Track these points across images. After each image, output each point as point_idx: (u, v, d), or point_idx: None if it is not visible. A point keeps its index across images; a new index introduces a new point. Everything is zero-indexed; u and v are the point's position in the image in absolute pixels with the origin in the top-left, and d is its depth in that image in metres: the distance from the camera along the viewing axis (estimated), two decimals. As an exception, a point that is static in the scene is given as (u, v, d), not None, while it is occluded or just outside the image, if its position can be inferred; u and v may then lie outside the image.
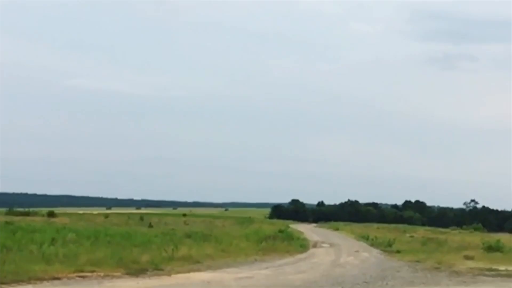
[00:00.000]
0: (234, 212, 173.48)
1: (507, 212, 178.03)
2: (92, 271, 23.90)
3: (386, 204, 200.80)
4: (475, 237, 68.31)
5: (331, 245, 51.90)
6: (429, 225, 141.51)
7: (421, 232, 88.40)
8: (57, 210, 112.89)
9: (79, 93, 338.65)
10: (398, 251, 44.39)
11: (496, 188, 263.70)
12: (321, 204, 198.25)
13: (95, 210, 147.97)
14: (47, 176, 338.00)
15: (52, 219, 77.64)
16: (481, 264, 33.70)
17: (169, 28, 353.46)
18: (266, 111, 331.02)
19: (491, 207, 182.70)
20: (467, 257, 37.39)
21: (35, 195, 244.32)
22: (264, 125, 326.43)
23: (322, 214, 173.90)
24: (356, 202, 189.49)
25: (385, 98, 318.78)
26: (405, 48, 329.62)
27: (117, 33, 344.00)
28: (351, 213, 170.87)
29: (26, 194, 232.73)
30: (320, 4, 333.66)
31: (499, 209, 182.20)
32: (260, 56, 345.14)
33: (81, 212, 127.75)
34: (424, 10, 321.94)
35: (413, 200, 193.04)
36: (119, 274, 24.21)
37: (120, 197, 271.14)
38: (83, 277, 22.90)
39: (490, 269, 31.50)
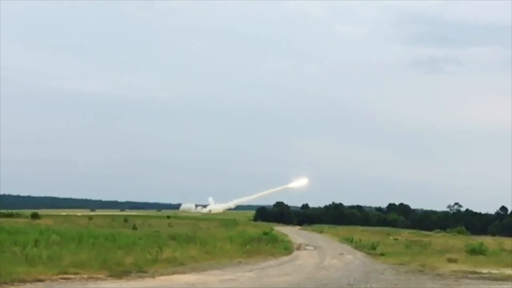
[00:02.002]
0: (219, 214, 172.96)
1: (491, 215, 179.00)
2: (76, 273, 23.82)
3: (370, 207, 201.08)
4: (459, 240, 68.65)
5: (315, 247, 51.97)
6: (413, 228, 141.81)
7: (405, 235, 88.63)
8: (41, 211, 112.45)
9: (63, 94, 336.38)
10: (382, 254, 44.52)
11: (479, 191, 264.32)
12: (305, 206, 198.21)
13: (79, 212, 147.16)
14: (31, 177, 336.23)
15: (36, 221, 77.41)
16: (464, 267, 33.88)
17: (155, 30, 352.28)
18: (251, 114, 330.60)
19: (474, 210, 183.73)
20: (451, 260, 37.57)
21: (18, 197, 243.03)
22: (249, 127, 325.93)
23: (306, 216, 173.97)
24: (341, 204, 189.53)
25: (370, 101, 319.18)
26: (390, 51, 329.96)
27: (101, 34, 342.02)
28: (335, 216, 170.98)
29: (9, 196, 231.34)
30: (306, 6, 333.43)
31: (483, 212, 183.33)
32: (247, 59, 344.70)
33: (64, 213, 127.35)
34: (409, 13, 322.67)
35: (397, 203, 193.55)
36: (102, 276, 24.15)
37: (104, 199, 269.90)
38: (66, 279, 22.83)
39: (473, 272, 31.68)
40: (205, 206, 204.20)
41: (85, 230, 52.29)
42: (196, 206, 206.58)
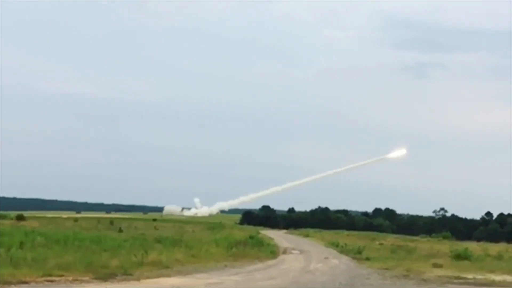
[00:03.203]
0: (205, 218, 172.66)
1: (476, 220, 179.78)
2: (61, 275, 23.75)
3: (356, 212, 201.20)
4: (444, 245, 68.86)
5: (301, 251, 51.99)
6: (399, 232, 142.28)
7: (391, 239, 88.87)
8: (26, 213, 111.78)
9: (51, 96, 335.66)
10: (367, 259, 44.59)
11: (465, 196, 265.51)
12: (291, 210, 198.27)
13: (65, 214, 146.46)
14: (16, 179, 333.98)
15: (21, 223, 76.98)
16: (449, 272, 34.00)
17: (145, 32, 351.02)
18: (238, 117, 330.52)
19: (460, 215, 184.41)
20: (436, 265, 37.70)
21: (3, 198, 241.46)
22: (236, 131, 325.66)
23: (292, 220, 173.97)
24: (327, 209, 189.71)
25: (357, 106, 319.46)
26: (378, 56, 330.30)
27: (90, 36, 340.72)
28: (321, 220, 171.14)
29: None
30: (294, 10, 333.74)
31: (468, 217, 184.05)
32: (235, 62, 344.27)
33: (50, 215, 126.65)
34: (397, 19, 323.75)
35: (383, 208, 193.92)
36: (87, 278, 24.09)
37: (90, 201, 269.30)
38: (51, 281, 22.76)
39: (458, 277, 31.80)
40: (189, 209, 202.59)
41: (70, 232, 52.06)
42: (183, 209, 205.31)
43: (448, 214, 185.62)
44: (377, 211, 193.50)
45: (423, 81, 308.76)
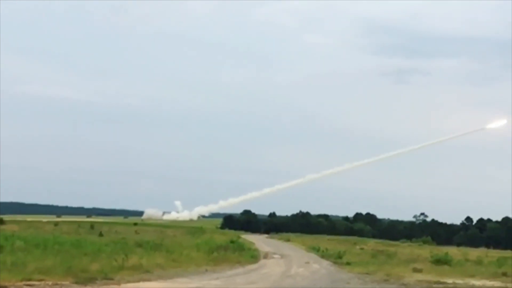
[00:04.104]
0: (186, 222, 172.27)
1: (456, 225, 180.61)
2: (41, 280, 23.63)
3: (337, 216, 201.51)
4: (424, 250, 69.20)
5: (282, 256, 52.04)
6: (379, 237, 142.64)
7: (371, 244, 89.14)
8: (6, 217, 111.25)
9: (30, 99, 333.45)
10: (348, 263, 44.70)
11: (445, 201, 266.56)
12: (273, 215, 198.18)
13: (45, 218, 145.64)
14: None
15: (1, 226, 76.53)
16: (429, 277, 34.16)
17: (124, 36, 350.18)
18: (219, 122, 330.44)
19: (440, 220, 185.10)
20: (416, 270, 37.85)
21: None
22: (217, 135, 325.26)
23: (273, 225, 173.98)
24: (308, 213, 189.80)
25: (338, 111, 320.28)
26: (359, 62, 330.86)
27: (72, 39, 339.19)
28: (302, 225, 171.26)
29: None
30: (276, 16, 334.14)
31: (448, 222, 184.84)
32: (216, 67, 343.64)
33: (30, 219, 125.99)
34: (378, 25, 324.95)
35: (364, 213, 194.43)
36: (67, 283, 23.98)
37: (70, 205, 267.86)
38: (31, 285, 22.65)
39: (438, 282, 31.95)
40: (169, 213, 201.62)
41: (50, 236, 51.84)
42: (164, 213, 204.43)
43: (429, 219, 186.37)
44: (358, 215, 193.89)
45: (404, 86, 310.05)
